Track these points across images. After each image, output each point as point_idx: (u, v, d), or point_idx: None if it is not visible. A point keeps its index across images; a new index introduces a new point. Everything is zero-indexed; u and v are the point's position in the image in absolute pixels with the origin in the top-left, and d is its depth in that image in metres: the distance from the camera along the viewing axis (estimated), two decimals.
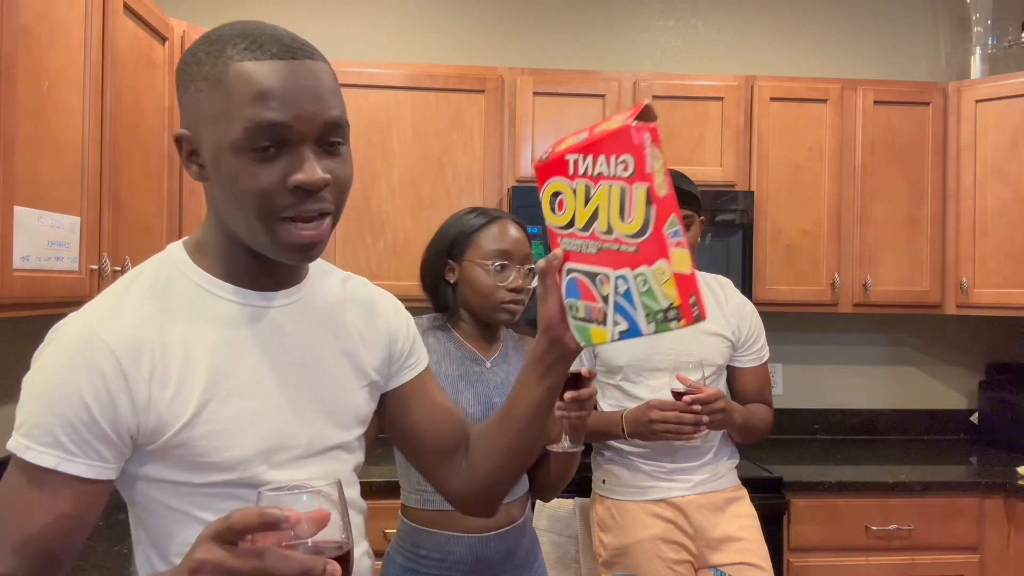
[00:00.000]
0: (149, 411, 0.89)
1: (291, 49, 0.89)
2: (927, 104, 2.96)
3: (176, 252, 0.99)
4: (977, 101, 2.91)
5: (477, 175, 2.84)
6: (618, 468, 2.10)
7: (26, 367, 0.94)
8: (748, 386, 2.15)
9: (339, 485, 0.77)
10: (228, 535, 0.71)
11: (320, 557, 0.71)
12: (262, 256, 0.95)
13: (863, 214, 2.94)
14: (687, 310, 0.87)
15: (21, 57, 1.59)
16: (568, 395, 1.52)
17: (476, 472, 1.15)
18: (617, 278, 0.90)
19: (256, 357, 0.96)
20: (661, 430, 1.90)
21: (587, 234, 0.93)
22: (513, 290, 1.64)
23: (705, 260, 2.61)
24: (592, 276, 0.93)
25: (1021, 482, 2.61)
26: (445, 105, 2.82)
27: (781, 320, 3.12)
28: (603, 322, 0.93)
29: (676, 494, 2.06)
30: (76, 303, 1.83)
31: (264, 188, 0.87)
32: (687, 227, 2.06)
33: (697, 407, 1.87)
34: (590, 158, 0.94)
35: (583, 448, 1.66)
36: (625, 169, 0.91)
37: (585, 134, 0.96)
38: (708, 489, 2.08)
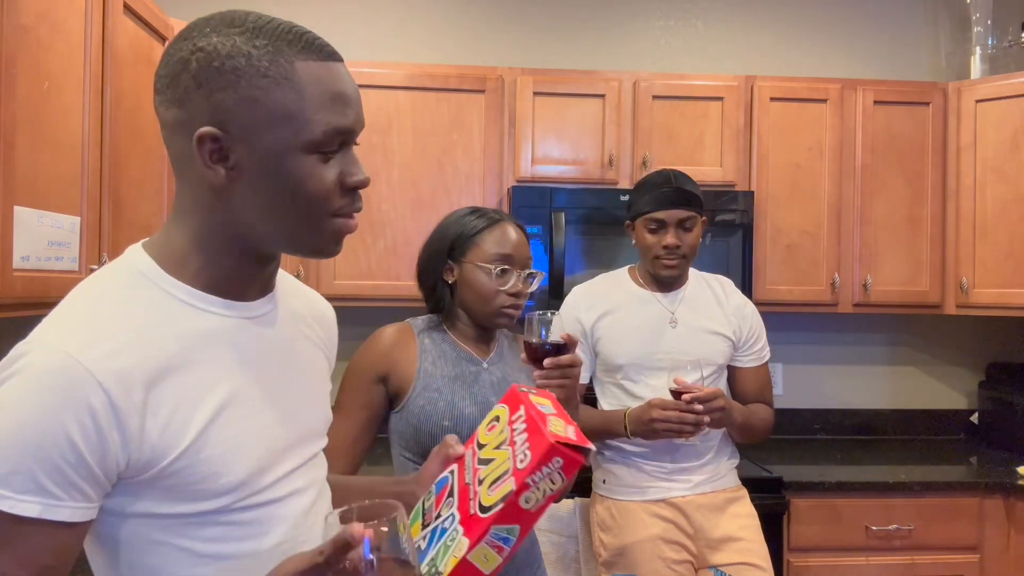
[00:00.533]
0: (142, 443, 0.82)
1: (334, 52, 0.90)
2: (927, 104, 2.97)
3: (142, 262, 0.91)
4: (977, 101, 2.91)
5: (477, 175, 2.84)
6: (618, 468, 2.10)
7: None
8: (749, 386, 2.15)
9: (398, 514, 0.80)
10: (316, 571, 0.75)
11: (415, 567, 0.78)
12: (251, 264, 0.93)
13: (863, 214, 2.94)
14: None
15: (21, 57, 1.59)
16: (548, 361, 1.50)
17: None
18: (448, 516, 1.01)
19: (246, 372, 0.92)
20: (663, 428, 1.90)
21: (477, 465, 1.04)
22: (513, 295, 1.63)
23: (705, 260, 2.60)
24: (450, 491, 1.05)
25: (1021, 482, 2.62)
26: (445, 105, 2.82)
27: (781, 320, 3.12)
28: (423, 527, 1.05)
29: (676, 494, 2.06)
30: None
31: (328, 188, 0.88)
32: (688, 228, 2.05)
33: (698, 406, 1.87)
34: (522, 424, 1.03)
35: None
36: (521, 461, 0.97)
37: (548, 405, 1.09)
38: (708, 489, 2.08)
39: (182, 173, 0.90)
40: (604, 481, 2.13)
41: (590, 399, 2.16)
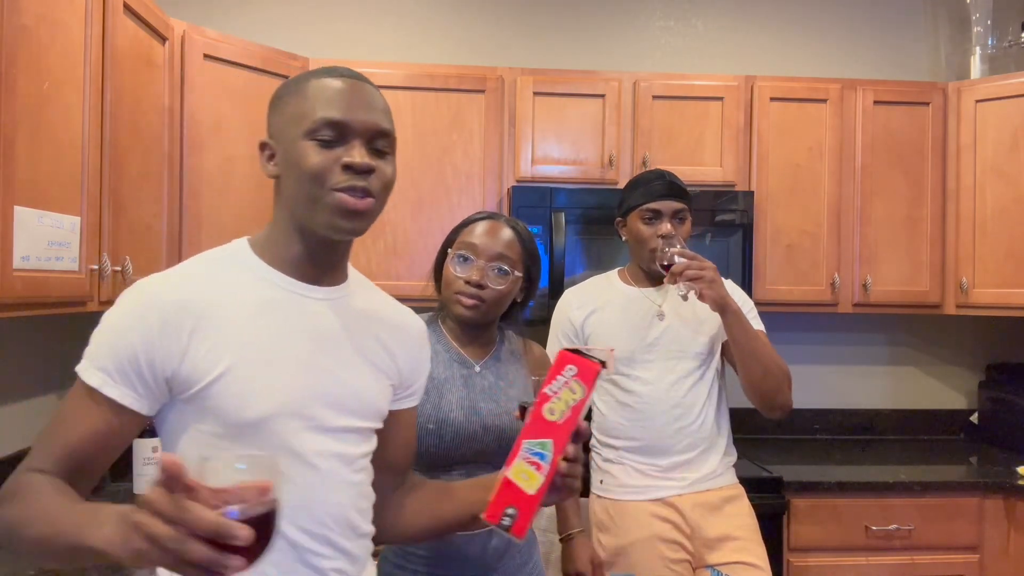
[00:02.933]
0: (185, 360, 1.06)
1: (357, 76, 1.18)
2: (927, 104, 2.97)
3: (238, 243, 1.19)
4: (977, 101, 2.91)
5: (477, 175, 2.84)
6: (615, 468, 2.11)
7: (27, 366, 0.96)
8: None
9: (274, 460, 0.86)
10: (166, 484, 0.80)
11: (236, 523, 0.77)
12: (316, 247, 1.15)
13: (863, 214, 2.94)
14: (494, 513, 1.01)
15: (21, 57, 1.59)
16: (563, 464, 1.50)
17: (401, 523, 1.35)
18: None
19: (286, 335, 1.13)
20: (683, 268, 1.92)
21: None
22: (468, 282, 1.61)
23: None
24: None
25: (1021, 482, 2.62)
26: (445, 105, 2.82)
27: (781, 320, 3.12)
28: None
29: (673, 493, 2.06)
30: (76, 303, 1.84)
31: (323, 164, 1.09)
32: (682, 220, 2.07)
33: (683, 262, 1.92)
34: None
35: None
36: (547, 383, 1.03)
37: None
38: (705, 487, 2.07)
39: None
40: (601, 481, 2.14)
41: None
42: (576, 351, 1.02)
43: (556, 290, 2.63)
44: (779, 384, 2.02)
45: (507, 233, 1.66)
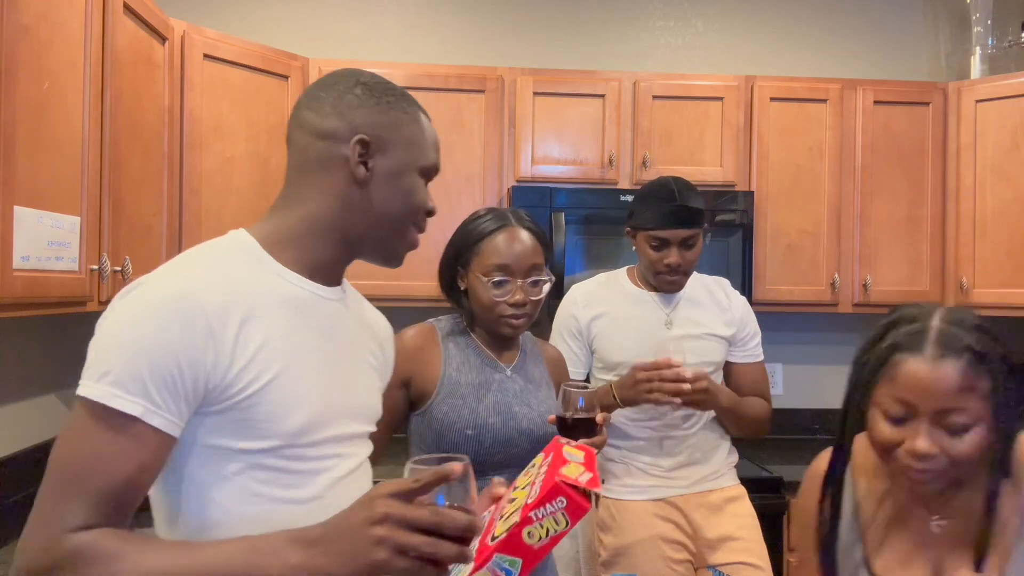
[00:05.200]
0: (228, 371, 0.96)
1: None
2: (927, 104, 2.97)
3: (245, 239, 1.09)
4: (977, 101, 2.91)
5: (477, 175, 2.84)
6: (617, 467, 2.11)
7: (27, 366, 0.95)
8: (744, 380, 2.16)
9: (469, 464, 0.91)
10: (409, 494, 0.85)
11: (476, 518, 0.87)
12: (342, 256, 1.14)
13: (863, 214, 2.94)
14: None
15: (21, 57, 1.59)
16: (580, 444, 1.49)
17: None
18: (472, 548, 1.01)
19: (317, 340, 1.08)
20: (646, 389, 1.89)
21: (506, 504, 1.09)
22: (513, 304, 1.61)
23: (705, 260, 2.59)
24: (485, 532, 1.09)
25: None
26: (445, 105, 2.82)
27: (781, 320, 3.12)
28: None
29: (675, 492, 2.06)
30: (76, 303, 1.84)
31: (423, 203, 1.14)
32: (691, 246, 2.04)
33: (685, 386, 1.87)
34: (545, 467, 1.10)
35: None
36: (530, 497, 1.02)
37: (580, 455, 1.14)
38: (707, 488, 2.08)
39: (311, 171, 1.09)
40: (603, 481, 2.13)
41: None
42: (572, 485, 0.99)
43: (556, 290, 2.62)
44: (755, 433, 2.17)
45: (528, 238, 1.64)
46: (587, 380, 2.20)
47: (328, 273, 1.13)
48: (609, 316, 2.12)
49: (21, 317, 1.70)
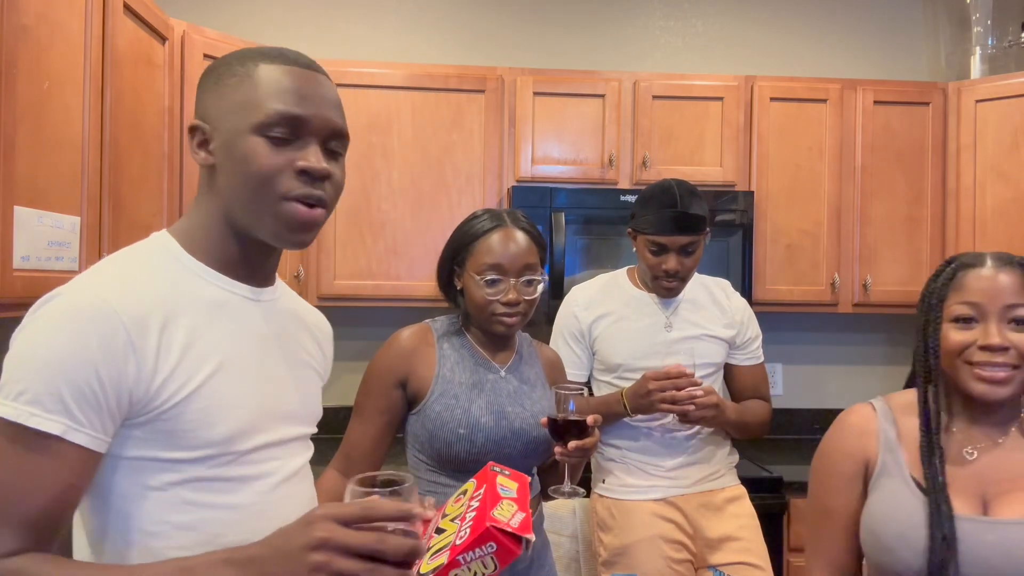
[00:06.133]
0: (152, 381, 0.92)
1: (311, 65, 1.04)
2: (927, 104, 2.97)
3: (165, 240, 1.04)
4: (977, 101, 2.91)
5: (477, 175, 2.84)
6: (617, 467, 2.11)
7: None
8: (745, 382, 2.17)
9: (415, 484, 0.88)
10: (355, 519, 0.82)
11: (420, 542, 0.84)
12: (253, 248, 1.04)
13: (863, 214, 2.94)
14: None
15: (21, 57, 1.59)
16: (573, 445, 1.51)
17: None
18: None
19: (246, 343, 1.03)
20: (659, 399, 1.90)
21: (433, 532, 1.05)
22: (506, 303, 1.62)
23: (705, 260, 2.59)
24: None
25: None
26: (445, 105, 2.82)
27: (781, 320, 3.12)
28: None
29: (676, 492, 2.06)
30: None
31: (274, 167, 0.97)
32: (690, 252, 2.04)
33: (697, 391, 1.89)
34: (477, 502, 1.07)
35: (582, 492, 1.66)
36: (460, 537, 0.99)
37: (513, 489, 1.12)
38: (707, 488, 2.08)
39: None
40: (604, 481, 2.13)
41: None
42: (502, 530, 0.97)
43: (556, 290, 2.63)
44: (757, 435, 2.19)
45: (522, 238, 1.65)
46: (588, 382, 2.20)
47: (250, 270, 1.06)
48: (610, 318, 2.12)
49: (21, 317, 1.69)
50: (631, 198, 2.66)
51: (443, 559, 0.96)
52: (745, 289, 2.74)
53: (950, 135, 2.96)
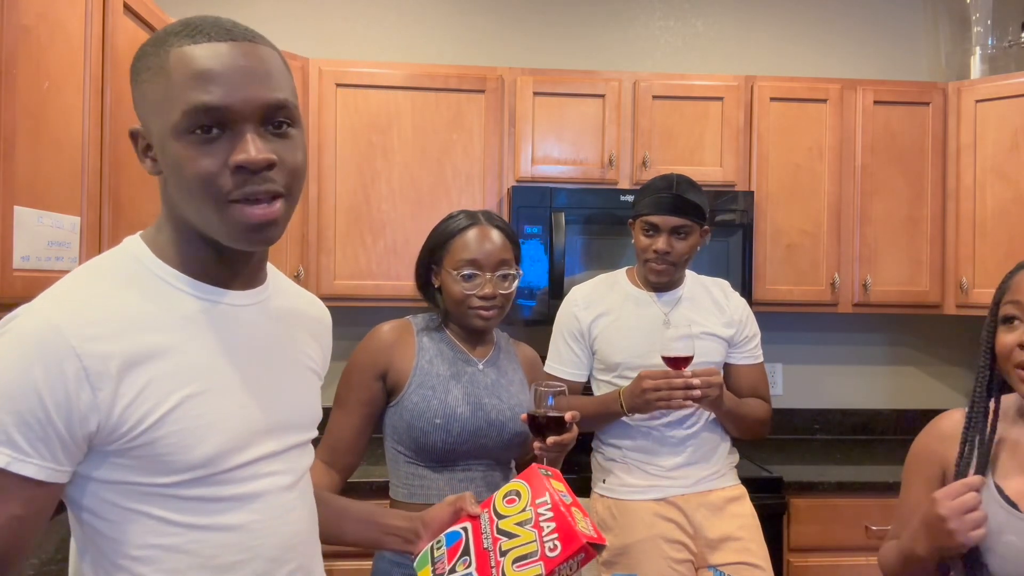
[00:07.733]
0: (112, 410, 0.86)
1: (231, 32, 0.89)
2: (927, 104, 2.96)
3: (135, 246, 0.97)
4: (977, 101, 2.90)
5: (477, 175, 2.84)
6: (618, 467, 2.11)
7: None
8: (743, 381, 2.17)
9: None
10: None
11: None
12: (217, 248, 0.95)
13: (863, 214, 2.94)
14: None
15: (21, 57, 1.59)
16: (551, 440, 1.54)
17: None
18: (465, 574, 1.14)
19: (231, 355, 0.96)
20: (655, 399, 1.91)
21: (497, 534, 1.16)
22: (483, 297, 1.66)
23: (705, 260, 2.60)
24: (464, 550, 1.18)
25: None
26: (445, 105, 2.82)
27: (781, 320, 3.12)
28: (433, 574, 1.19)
29: (676, 492, 2.06)
30: None
31: (208, 171, 0.87)
32: (683, 236, 2.05)
33: (695, 380, 1.90)
34: (547, 511, 1.17)
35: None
36: (552, 550, 1.12)
37: (566, 492, 1.24)
38: (708, 488, 2.08)
39: None
40: (604, 480, 2.14)
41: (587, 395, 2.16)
42: (591, 542, 1.12)
43: (556, 290, 2.63)
44: (755, 434, 2.20)
45: (497, 235, 1.70)
46: (587, 382, 2.20)
47: (232, 273, 0.98)
48: (609, 317, 2.12)
49: None
50: (631, 198, 2.65)
51: (539, 570, 1.10)
52: (745, 289, 2.74)
53: (950, 135, 2.96)
